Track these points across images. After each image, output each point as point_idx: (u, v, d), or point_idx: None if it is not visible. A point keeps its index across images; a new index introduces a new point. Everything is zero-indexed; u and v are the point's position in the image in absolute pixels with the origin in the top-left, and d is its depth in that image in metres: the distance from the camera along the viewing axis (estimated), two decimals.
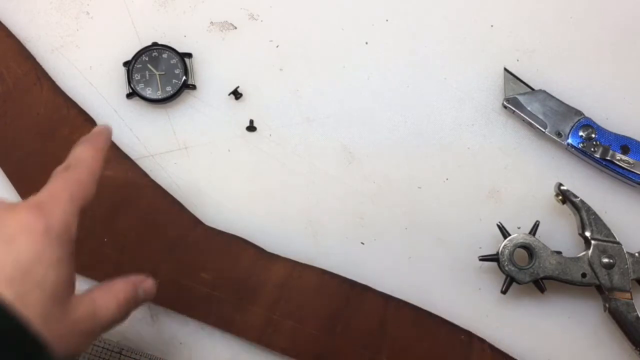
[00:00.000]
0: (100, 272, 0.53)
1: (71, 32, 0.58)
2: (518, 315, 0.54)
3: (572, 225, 0.54)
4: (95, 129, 0.47)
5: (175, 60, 0.56)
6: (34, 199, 0.40)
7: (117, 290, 0.44)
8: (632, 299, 0.51)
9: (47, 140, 0.55)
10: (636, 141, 0.54)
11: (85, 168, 0.44)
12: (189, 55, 0.57)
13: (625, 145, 0.54)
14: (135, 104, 0.57)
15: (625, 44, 0.58)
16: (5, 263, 0.36)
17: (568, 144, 0.54)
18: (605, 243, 0.52)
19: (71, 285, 0.40)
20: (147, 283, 0.46)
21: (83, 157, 0.44)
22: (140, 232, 0.53)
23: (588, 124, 0.54)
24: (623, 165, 0.53)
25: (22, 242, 0.37)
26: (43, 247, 0.38)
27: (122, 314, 0.43)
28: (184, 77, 0.56)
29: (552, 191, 0.54)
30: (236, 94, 0.57)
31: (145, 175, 0.55)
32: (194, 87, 0.57)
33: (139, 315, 0.54)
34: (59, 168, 0.43)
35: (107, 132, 0.47)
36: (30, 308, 0.36)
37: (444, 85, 0.57)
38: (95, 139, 0.46)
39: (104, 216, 0.53)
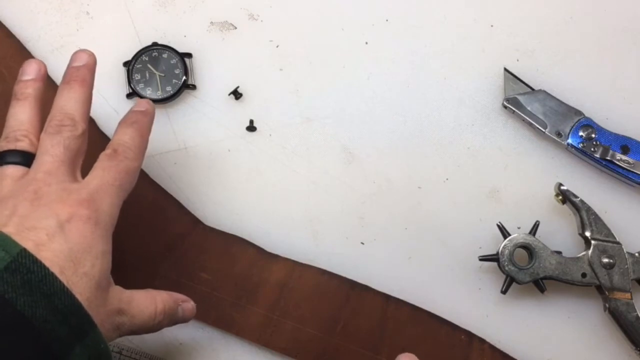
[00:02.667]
0: None
1: (71, 32, 0.58)
2: (518, 315, 0.54)
3: (572, 225, 0.54)
4: (140, 104, 0.47)
5: (175, 60, 0.56)
6: (84, 191, 0.41)
7: (157, 299, 0.45)
8: (632, 299, 0.51)
9: None
10: (636, 141, 0.54)
11: (132, 156, 0.44)
12: (189, 55, 0.57)
13: (625, 145, 0.54)
14: None
15: (625, 44, 0.58)
16: (61, 251, 0.38)
17: (568, 144, 0.54)
18: (605, 243, 0.52)
19: (109, 278, 0.42)
20: (188, 304, 0.48)
21: (130, 144, 0.45)
22: (140, 232, 0.53)
23: (588, 124, 0.54)
24: (623, 165, 0.53)
25: (75, 233, 0.39)
26: (93, 239, 0.40)
27: (156, 324, 0.44)
28: (184, 77, 0.56)
29: (552, 191, 0.54)
30: (236, 94, 0.57)
31: (145, 175, 0.55)
32: (194, 87, 0.57)
33: None
34: (106, 153, 0.44)
35: (152, 110, 0.48)
36: (78, 295, 0.37)
37: (444, 85, 0.57)
38: (141, 121, 0.46)
39: None
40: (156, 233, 0.53)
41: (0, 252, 0.36)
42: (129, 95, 0.56)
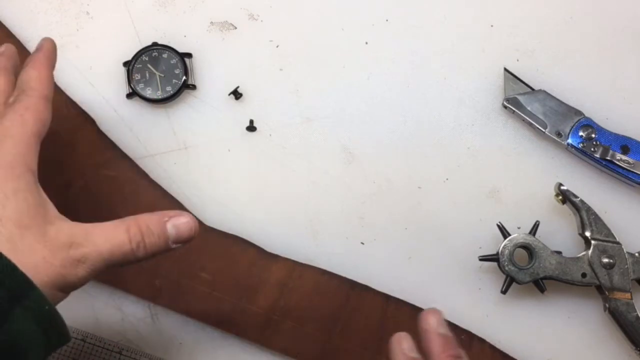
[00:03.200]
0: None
1: (71, 32, 0.58)
2: (518, 315, 0.54)
3: (572, 225, 0.54)
4: (38, 45, 0.47)
5: (175, 60, 0.56)
6: None
7: (130, 223, 0.41)
8: (632, 299, 0.51)
9: (46, 140, 0.55)
10: (636, 141, 0.54)
11: (35, 93, 0.43)
12: (189, 55, 0.57)
13: (625, 145, 0.54)
14: (135, 104, 0.57)
15: (625, 44, 0.58)
16: None
17: (568, 144, 0.54)
18: (605, 243, 0.52)
19: (43, 212, 0.40)
20: (180, 218, 0.42)
21: (31, 83, 0.44)
22: None
23: (588, 124, 0.54)
24: (623, 165, 0.53)
25: None
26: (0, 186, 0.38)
27: (136, 249, 0.41)
28: (184, 77, 0.56)
29: (552, 191, 0.54)
30: (236, 94, 0.57)
31: (145, 175, 0.55)
32: (194, 87, 0.57)
33: (139, 315, 0.54)
34: (10, 100, 0.43)
35: (51, 46, 0.47)
36: None
37: (444, 85, 0.57)
38: (38, 58, 0.46)
39: (104, 216, 0.53)
40: None
41: None
42: (129, 95, 0.56)
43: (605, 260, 0.51)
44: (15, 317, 0.36)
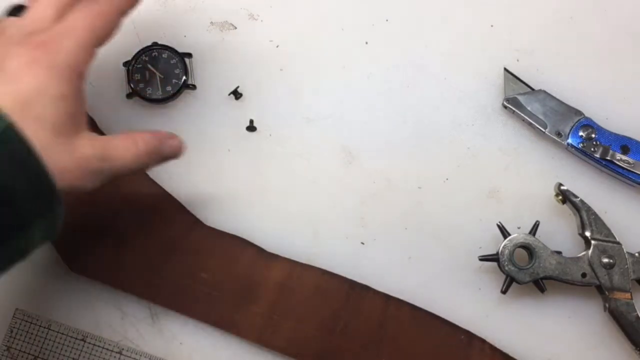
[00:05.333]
0: (101, 272, 0.53)
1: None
2: (518, 315, 0.54)
3: (572, 225, 0.54)
4: None
5: (175, 60, 0.56)
6: (48, 33, 0.41)
7: (138, 138, 0.45)
8: (632, 299, 0.51)
9: None
10: (636, 141, 0.54)
11: (113, 2, 0.44)
12: (189, 55, 0.57)
13: (625, 145, 0.54)
14: (135, 104, 0.57)
15: (625, 44, 0.58)
16: (9, 93, 0.38)
17: (568, 144, 0.54)
18: (605, 243, 0.52)
19: (77, 123, 0.41)
20: (174, 141, 0.47)
21: None
22: (140, 232, 0.53)
23: (588, 124, 0.54)
24: (623, 165, 0.53)
25: (24, 77, 0.39)
26: (45, 82, 0.39)
27: (141, 164, 0.45)
28: (184, 77, 0.56)
29: (552, 191, 0.54)
30: (236, 94, 0.57)
31: (145, 175, 0.55)
32: (194, 87, 0.57)
33: (139, 315, 0.54)
34: None
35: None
36: (33, 139, 0.37)
37: (444, 85, 0.57)
38: None
39: (104, 216, 0.53)
40: (156, 233, 0.53)
41: None
42: (129, 95, 0.56)
43: (605, 260, 0.51)
44: (31, 228, 0.38)
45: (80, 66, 0.41)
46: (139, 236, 0.53)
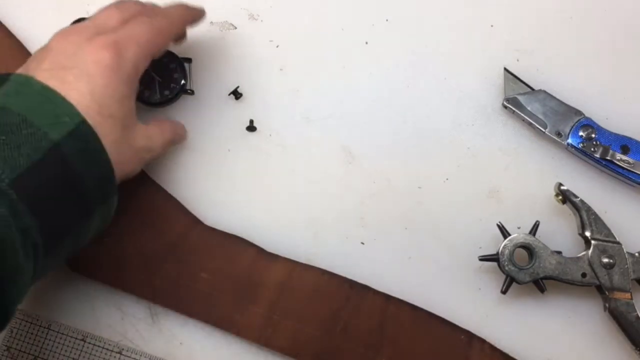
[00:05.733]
0: (101, 272, 0.53)
1: None
2: (518, 315, 0.54)
3: (572, 225, 0.54)
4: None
5: (174, 64, 0.56)
6: (113, 35, 0.45)
7: (165, 130, 0.51)
8: (632, 299, 0.51)
9: None
10: (636, 141, 0.54)
11: (170, 20, 0.49)
12: (189, 60, 0.57)
13: (625, 145, 0.54)
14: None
15: (625, 44, 0.58)
16: (85, 93, 0.42)
17: (568, 144, 0.54)
18: (605, 243, 0.52)
19: (134, 119, 0.47)
20: (182, 130, 0.55)
21: (172, 12, 0.50)
22: (140, 232, 0.53)
23: (588, 124, 0.54)
24: (623, 165, 0.53)
25: (97, 77, 0.43)
26: (115, 84, 0.44)
27: (164, 151, 0.52)
28: (183, 82, 0.56)
29: (552, 191, 0.54)
30: (236, 94, 0.57)
31: (145, 175, 0.55)
32: (192, 92, 0.56)
33: (139, 315, 0.54)
34: (146, 8, 0.49)
35: (201, 11, 0.53)
36: (106, 136, 0.43)
37: (444, 85, 0.57)
38: (189, 6, 0.52)
39: None
40: (156, 233, 0.53)
41: (65, 117, 0.41)
42: None
43: (605, 260, 0.51)
44: (95, 215, 0.43)
45: (139, 71, 0.46)
46: (139, 236, 0.53)
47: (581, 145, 0.54)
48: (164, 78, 0.56)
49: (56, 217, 0.41)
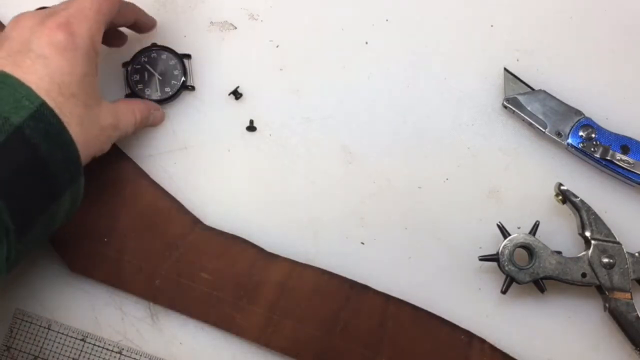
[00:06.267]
0: (100, 272, 0.53)
1: None
2: (518, 315, 0.54)
3: (572, 225, 0.54)
4: None
5: (174, 61, 0.56)
6: (63, 14, 0.45)
7: (135, 109, 0.52)
8: (632, 299, 0.51)
9: None
10: (636, 141, 0.54)
11: None
12: (188, 56, 0.57)
13: (625, 145, 0.54)
14: None
15: (626, 44, 0.58)
16: (43, 76, 0.43)
17: (568, 144, 0.54)
18: (605, 243, 0.52)
19: (98, 97, 0.47)
20: (158, 113, 0.55)
21: None
22: (140, 232, 0.53)
23: (588, 124, 0.54)
24: (623, 165, 0.53)
25: (54, 59, 0.43)
26: (73, 62, 0.44)
27: (135, 129, 0.52)
28: (183, 78, 0.56)
29: (552, 191, 0.54)
30: (236, 94, 0.57)
31: (145, 175, 0.55)
32: (192, 88, 0.57)
33: (139, 315, 0.54)
34: None
35: None
36: (68, 116, 0.43)
37: (444, 85, 0.57)
38: None
39: (104, 216, 0.53)
40: (156, 233, 0.53)
41: (24, 101, 0.41)
42: (127, 96, 0.56)
43: (605, 260, 0.51)
44: (64, 197, 0.43)
45: (95, 46, 0.46)
46: (139, 236, 0.53)
47: (581, 145, 0.54)
48: (164, 75, 0.56)
49: (24, 200, 0.41)
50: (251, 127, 0.57)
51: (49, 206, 0.43)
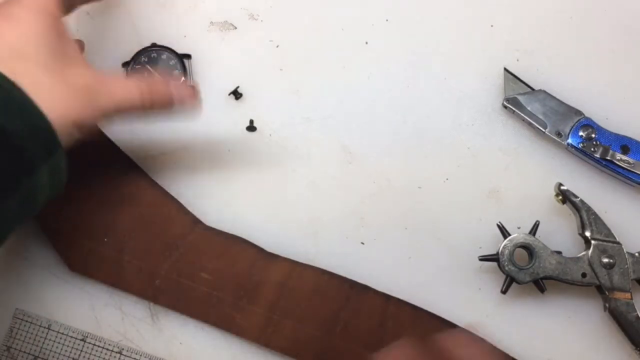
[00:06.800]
0: (100, 272, 0.53)
1: (71, 33, 0.58)
2: (518, 315, 0.54)
3: (572, 225, 0.54)
4: None
5: (174, 61, 0.56)
6: None
7: (145, 80, 0.47)
8: (632, 299, 0.51)
9: None
10: (636, 141, 0.54)
11: None
12: (188, 56, 0.57)
13: (625, 145, 0.54)
14: None
15: (626, 44, 0.58)
16: None
17: (568, 144, 0.54)
18: (605, 243, 0.52)
19: (65, 57, 0.44)
20: (185, 90, 0.48)
21: None
22: (140, 232, 0.53)
23: (588, 124, 0.54)
24: (623, 165, 0.53)
25: (6, 30, 0.42)
26: (25, 28, 0.42)
27: (147, 104, 0.46)
28: (183, 79, 0.56)
29: (552, 191, 0.54)
30: (236, 94, 0.57)
31: (145, 175, 0.55)
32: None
33: (139, 315, 0.54)
34: None
35: None
36: (26, 81, 0.40)
37: (444, 85, 0.57)
38: None
39: (104, 216, 0.53)
40: (156, 233, 0.53)
41: None
42: None
43: (605, 260, 0.51)
44: (41, 171, 0.40)
45: (48, 7, 0.44)
46: (139, 236, 0.53)
47: (581, 145, 0.54)
48: (164, 75, 0.56)
49: None
50: (251, 127, 0.57)
51: (23, 182, 0.40)
